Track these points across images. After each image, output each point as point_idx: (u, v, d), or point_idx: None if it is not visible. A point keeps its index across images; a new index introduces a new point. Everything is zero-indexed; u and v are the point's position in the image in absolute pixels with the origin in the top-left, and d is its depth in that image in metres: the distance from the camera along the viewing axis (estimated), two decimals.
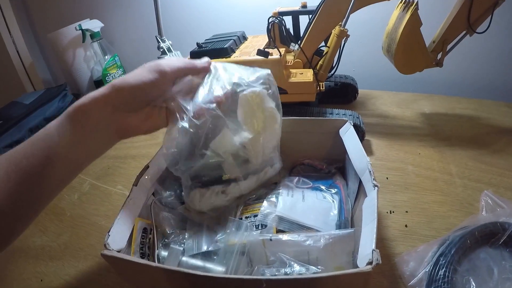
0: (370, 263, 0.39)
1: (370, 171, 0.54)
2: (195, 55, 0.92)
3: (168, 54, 1.17)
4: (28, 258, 0.70)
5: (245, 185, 0.62)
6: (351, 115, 0.88)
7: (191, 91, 0.55)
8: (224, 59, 0.89)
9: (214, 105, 0.53)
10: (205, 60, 0.57)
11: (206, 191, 0.61)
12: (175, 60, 0.54)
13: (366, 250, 0.42)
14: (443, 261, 0.53)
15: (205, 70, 0.57)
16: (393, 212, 0.69)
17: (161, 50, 1.18)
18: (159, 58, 1.15)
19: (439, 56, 0.88)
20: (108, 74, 1.28)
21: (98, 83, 1.29)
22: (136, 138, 1.04)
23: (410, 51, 0.85)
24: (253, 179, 0.63)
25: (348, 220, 0.59)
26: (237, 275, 0.39)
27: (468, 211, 0.67)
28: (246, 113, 0.59)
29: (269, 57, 0.85)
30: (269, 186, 0.66)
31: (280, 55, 0.85)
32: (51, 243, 0.73)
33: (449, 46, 0.87)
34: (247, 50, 0.93)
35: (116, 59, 1.32)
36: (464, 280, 0.52)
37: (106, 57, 1.30)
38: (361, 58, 1.20)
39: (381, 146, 0.89)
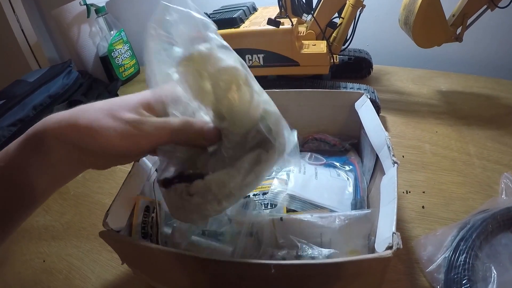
0: (390, 247, 0.36)
1: (389, 147, 0.50)
2: None
3: None
4: (31, 238, 0.69)
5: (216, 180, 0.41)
6: (366, 89, 0.85)
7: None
8: (233, 29, 0.86)
9: None
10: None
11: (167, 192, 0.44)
12: (169, 121, 0.40)
13: (386, 233, 0.38)
14: (464, 246, 0.50)
15: (204, 135, 0.42)
16: (409, 192, 0.66)
17: None
18: None
19: (459, 30, 0.85)
20: (114, 50, 1.25)
21: (104, 59, 1.26)
22: None
23: (429, 24, 0.81)
24: (233, 172, 0.41)
25: (364, 199, 0.56)
26: (243, 259, 0.36)
27: (488, 194, 0.64)
28: (193, 88, 0.41)
29: (280, 26, 0.81)
30: None
31: (292, 24, 0.82)
32: (54, 222, 0.72)
33: (469, 21, 0.83)
34: (257, 21, 0.90)
35: (122, 34, 1.29)
36: (485, 267, 0.49)
37: (112, 32, 1.27)
38: (375, 33, 1.15)
39: (397, 123, 0.85)
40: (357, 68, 1.04)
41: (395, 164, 0.47)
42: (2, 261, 0.65)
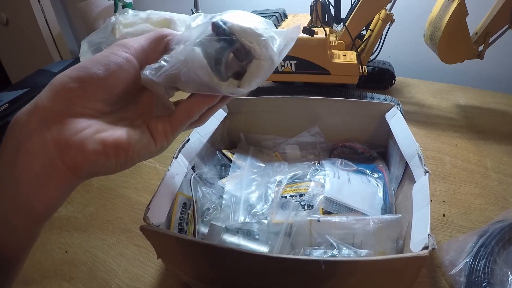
0: (426, 247, 0.38)
1: (420, 157, 0.52)
2: None
3: None
4: (52, 228, 0.69)
5: None
6: (391, 100, 0.86)
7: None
8: None
9: None
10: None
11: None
12: (139, 37, 0.37)
13: (421, 235, 0.41)
14: (484, 252, 0.52)
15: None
16: (431, 201, 0.67)
17: None
18: None
19: (481, 48, 0.86)
20: None
21: None
22: None
23: (455, 41, 0.83)
24: None
25: (393, 204, 0.57)
26: (295, 256, 0.37)
27: (503, 206, 0.66)
28: None
29: (314, 35, 0.83)
30: (310, 165, 0.65)
31: (326, 34, 0.83)
32: (77, 214, 0.72)
33: (491, 39, 0.85)
34: None
35: None
36: (502, 272, 0.51)
37: None
38: (396, 45, 1.17)
39: (418, 135, 0.86)
40: (380, 79, 1.05)
41: (427, 173, 0.49)
42: None
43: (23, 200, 0.29)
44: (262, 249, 0.49)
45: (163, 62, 0.34)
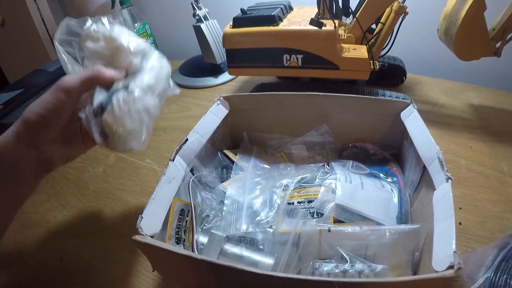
0: (451, 267, 0.34)
1: (441, 162, 0.48)
2: (238, 21, 0.86)
3: (204, 22, 1.10)
4: (47, 233, 0.67)
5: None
6: (404, 98, 0.82)
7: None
8: (271, 27, 0.83)
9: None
10: (113, 73, 0.50)
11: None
12: (78, 73, 0.49)
13: (445, 251, 0.36)
14: (505, 267, 0.48)
15: (113, 81, 0.50)
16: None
17: (197, 17, 1.12)
18: (194, 26, 1.10)
19: (498, 45, 0.82)
20: None
21: None
22: (166, 109, 1.02)
23: (471, 36, 0.79)
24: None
25: (408, 212, 0.54)
26: (301, 276, 0.33)
27: None
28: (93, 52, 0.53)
29: (323, 28, 0.78)
30: (318, 168, 0.61)
31: (335, 26, 0.79)
32: (73, 219, 0.70)
33: (508, 36, 0.80)
34: (296, 20, 0.87)
35: (146, 27, 1.27)
36: None
37: (136, 25, 1.25)
38: (407, 40, 1.13)
39: (432, 135, 0.82)
40: (390, 75, 1.01)
41: (449, 180, 0.45)
42: (16, 256, 0.63)
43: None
44: (268, 261, 0.45)
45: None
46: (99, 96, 0.48)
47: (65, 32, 0.53)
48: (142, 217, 0.43)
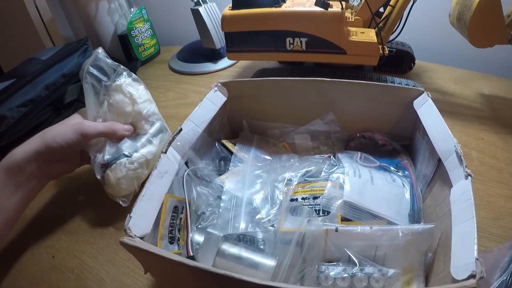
0: (473, 276, 0.31)
1: (460, 156, 0.44)
2: (238, 2, 0.83)
3: (203, 5, 1.07)
4: (40, 230, 0.67)
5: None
6: (414, 85, 0.78)
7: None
8: (273, 8, 0.79)
9: None
10: (127, 127, 0.66)
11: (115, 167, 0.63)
12: (97, 124, 0.64)
13: (465, 258, 0.34)
14: None
15: (123, 137, 0.65)
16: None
17: (195, 0, 1.08)
18: (192, 9, 1.07)
19: None
20: (134, 28, 1.20)
21: (123, 38, 1.21)
22: (162, 96, 1.02)
23: (486, 22, 0.76)
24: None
25: (421, 209, 0.50)
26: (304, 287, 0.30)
27: None
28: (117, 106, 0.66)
29: (329, 9, 0.74)
30: (324, 160, 0.58)
31: (342, 8, 0.75)
32: (65, 214, 0.69)
33: None
34: (300, 1, 0.82)
35: (143, 12, 1.24)
36: None
37: (132, 9, 1.22)
38: (415, 25, 1.09)
39: None
40: (398, 62, 0.98)
41: (469, 177, 0.42)
42: (9, 252, 0.62)
43: None
44: (269, 263, 0.42)
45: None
46: (110, 150, 0.63)
47: (95, 65, 0.65)
48: (131, 217, 0.40)
